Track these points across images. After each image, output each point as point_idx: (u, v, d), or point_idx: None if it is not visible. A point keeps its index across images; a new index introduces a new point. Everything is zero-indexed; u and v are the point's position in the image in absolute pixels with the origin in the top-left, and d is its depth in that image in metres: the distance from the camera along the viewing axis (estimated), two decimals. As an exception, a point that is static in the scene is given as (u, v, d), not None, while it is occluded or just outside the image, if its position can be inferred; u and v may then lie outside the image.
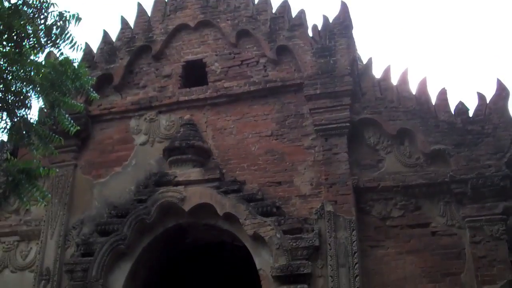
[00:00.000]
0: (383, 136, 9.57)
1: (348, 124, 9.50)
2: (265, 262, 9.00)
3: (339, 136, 9.49)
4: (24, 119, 7.39)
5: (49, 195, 7.43)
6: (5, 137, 9.85)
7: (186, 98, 10.57)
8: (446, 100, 9.55)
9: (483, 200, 8.71)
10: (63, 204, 10.20)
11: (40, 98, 7.44)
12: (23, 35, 6.99)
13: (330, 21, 10.34)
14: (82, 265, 9.45)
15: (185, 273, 11.69)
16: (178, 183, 9.73)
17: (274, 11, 10.86)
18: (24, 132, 7.38)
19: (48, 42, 7.18)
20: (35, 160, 7.11)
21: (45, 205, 7.84)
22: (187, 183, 9.70)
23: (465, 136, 9.13)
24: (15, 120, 7.35)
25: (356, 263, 8.59)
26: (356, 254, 8.65)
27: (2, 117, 7.32)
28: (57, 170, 8.57)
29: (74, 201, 10.33)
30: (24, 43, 7.03)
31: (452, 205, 8.93)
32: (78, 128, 8.07)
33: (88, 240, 9.71)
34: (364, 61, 10.44)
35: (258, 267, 9.06)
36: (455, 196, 8.86)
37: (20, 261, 10.40)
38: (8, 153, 8.42)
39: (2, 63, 6.99)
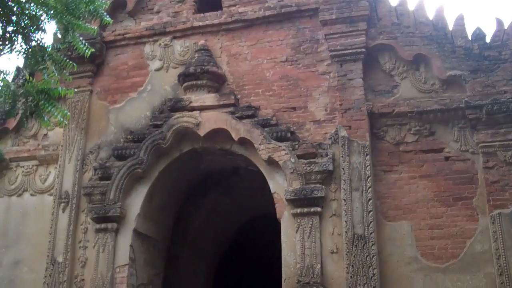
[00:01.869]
0: (399, 62, 9.49)
1: (363, 49, 9.42)
2: (279, 186, 9.14)
3: (354, 61, 9.43)
4: (39, 44, 7.41)
5: (69, 114, 7.50)
6: (20, 63, 9.95)
7: (201, 23, 10.47)
8: (463, 25, 9.41)
9: (498, 125, 8.70)
10: (80, 129, 10.32)
11: (54, 21, 7.44)
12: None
13: None
14: (100, 188, 9.66)
15: (199, 199, 11.86)
16: (193, 109, 9.79)
17: None
18: (39, 58, 7.40)
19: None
20: (52, 81, 7.14)
21: (66, 124, 7.92)
22: (202, 108, 9.75)
23: (481, 62, 9.04)
24: (31, 44, 7.36)
25: (369, 187, 8.71)
26: (369, 178, 8.75)
27: (17, 40, 7.34)
28: (75, 90, 8.60)
29: (90, 126, 10.44)
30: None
31: (466, 131, 8.93)
32: (93, 50, 8.09)
33: (105, 164, 9.89)
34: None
35: (272, 190, 9.20)
36: (470, 122, 8.85)
37: (39, 184, 10.62)
38: (27, 75, 8.45)
39: (16, -15, 6.95)
